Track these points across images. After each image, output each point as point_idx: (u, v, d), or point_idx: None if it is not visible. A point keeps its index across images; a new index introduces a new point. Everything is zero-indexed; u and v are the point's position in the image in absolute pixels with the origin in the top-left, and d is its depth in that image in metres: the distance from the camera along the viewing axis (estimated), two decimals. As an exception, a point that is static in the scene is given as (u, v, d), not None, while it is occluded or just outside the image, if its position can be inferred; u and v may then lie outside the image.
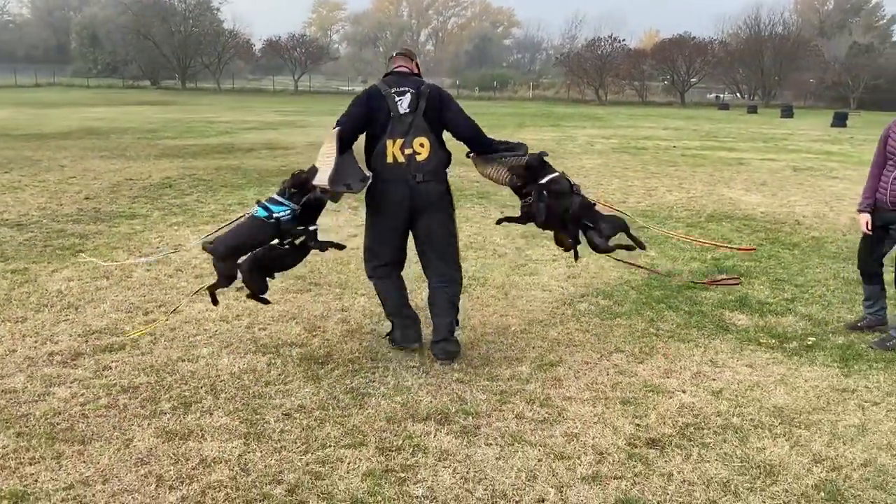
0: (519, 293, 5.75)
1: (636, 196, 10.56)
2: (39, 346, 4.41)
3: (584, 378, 4.16)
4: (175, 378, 4.03)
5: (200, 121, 24.27)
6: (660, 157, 15.91)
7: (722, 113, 43.80)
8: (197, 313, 5.09)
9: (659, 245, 7.47)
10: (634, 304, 5.54)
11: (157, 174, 11.67)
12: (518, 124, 26.41)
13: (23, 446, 3.26)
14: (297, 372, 4.16)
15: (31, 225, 7.72)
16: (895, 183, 4.72)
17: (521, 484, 3.08)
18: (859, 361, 4.53)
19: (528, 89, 64.03)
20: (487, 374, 4.19)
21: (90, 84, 58.37)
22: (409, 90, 4.29)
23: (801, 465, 3.28)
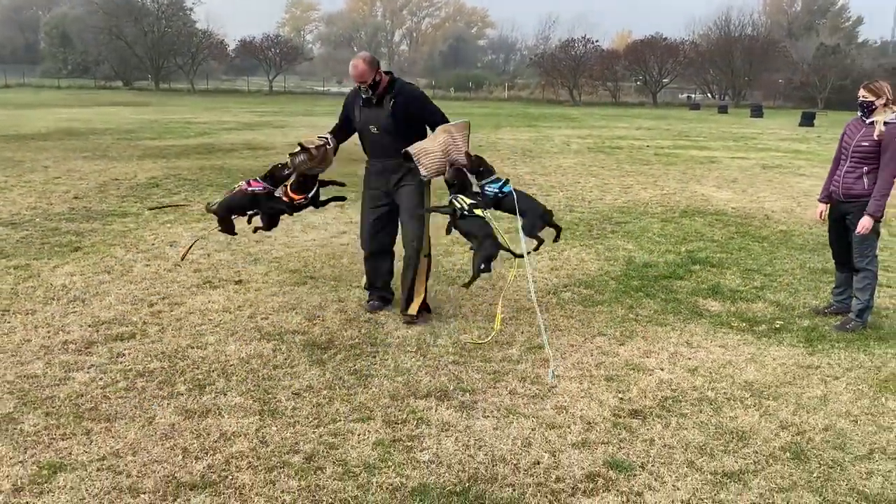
0: (505, 284, 6.05)
1: (613, 193, 10.94)
2: (53, 336, 4.62)
3: (570, 358, 4.48)
4: (187, 363, 4.28)
5: (178, 122, 24.29)
6: (634, 156, 16.34)
7: (693, 113, 44.61)
8: (201, 305, 5.32)
9: (636, 238, 7.83)
10: (614, 292, 5.87)
11: (143, 174, 11.80)
12: (495, 125, 26.76)
13: (52, 424, 3.49)
14: (302, 356, 4.42)
15: (24, 224, 7.86)
16: (847, 176, 5.13)
17: (518, 450, 3.38)
18: (823, 342, 4.90)
19: (503, 90, 64.49)
20: (481, 356, 4.48)
21: (61, 85, 57.66)
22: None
23: (770, 430, 3.63)
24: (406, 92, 5.08)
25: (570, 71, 58.22)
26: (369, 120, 5.07)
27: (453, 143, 4.94)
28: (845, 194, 5.17)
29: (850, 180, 5.13)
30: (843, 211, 5.24)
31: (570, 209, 9.54)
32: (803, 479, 3.19)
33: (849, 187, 5.14)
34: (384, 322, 5.06)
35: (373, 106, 5.04)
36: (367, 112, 5.07)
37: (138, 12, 61.82)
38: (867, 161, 5.04)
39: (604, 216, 9.09)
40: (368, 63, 4.93)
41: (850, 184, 5.13)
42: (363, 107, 5.09)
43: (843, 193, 5.18)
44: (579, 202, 10.11)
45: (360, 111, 5.11)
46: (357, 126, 5.18)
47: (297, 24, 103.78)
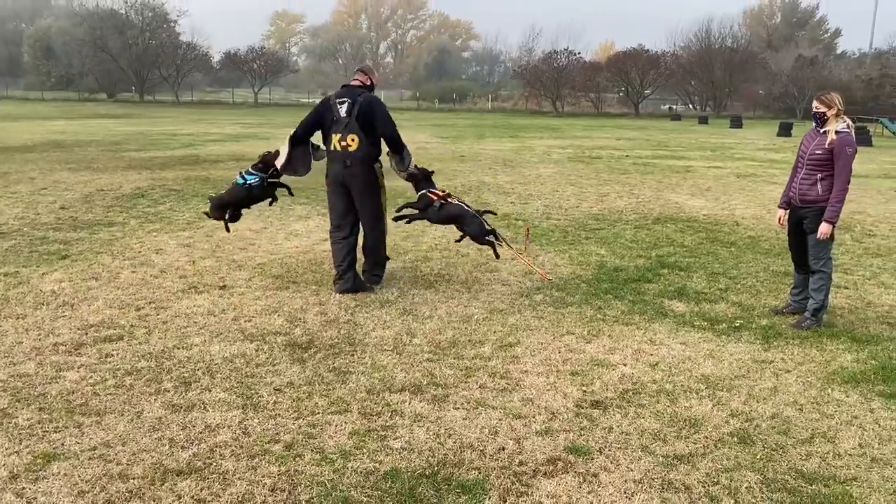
0: (481, 287, 6.30)
1: (589, 201, 11.24)
2: (43, 338, 4.81)
3: (538, 355, 4.72)
4: (173, 362, 4.48)
5: (163, 133, 24.44)
6: (612, 166, 16.69)
7: (674, 123, 45.26)
8: (186, 308, 5.53)
9: (609, 244, 8.11)
10: (585, 294, 6.13)
11: (128, 185, 11.97)
12: (478, 135, 27.12)
13: (45, 418, 3.69)
14: (284, 356, 4.64)
15: (12, 233, 8.03)
16: (802, 183, 5.44)
17: (485, 437, 3.62)
18: (779, 339, 5.18)
19: (487, 101, 65.09)
20: (454, 353, 4.72)
21: (45, 97, 57.61)
22: (348, 100, 5.89)
23: (721, 418, 3.89)
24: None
25: (553, 82, 58.90)
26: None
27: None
28: (801, 200, 5.48)
29: (805, 186, 5.44)
30: (800, 216, 5.55)
31: (548, 216, 9.81)
32: (747, 461, 3.45)
33: (804, 193, 5.45)
34: (363, 323, 5.29)
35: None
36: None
37: (122, 25, 62.04)
38: (821, 168, 5.35)
39: (579, 223, 9.38)
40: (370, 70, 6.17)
41: (805, 190, 5.44)
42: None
43: (800, 199, 5.49)
44: (556, 210, 10.39)
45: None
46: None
47: (282, 37, 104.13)
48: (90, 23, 61.22)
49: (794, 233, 5.69)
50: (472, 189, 12.27)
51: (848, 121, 5.37)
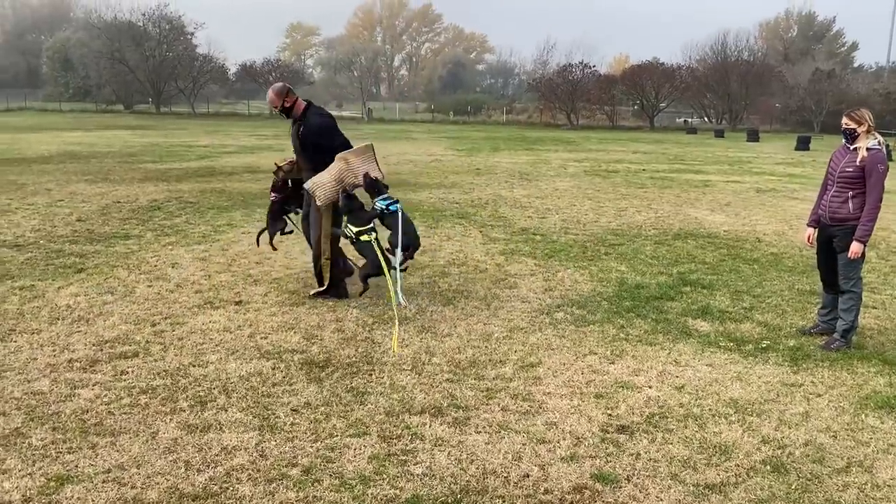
0: (500, 304, 6.20)
1: (607, 216, 11.12)
2: (58, 354, 4.75)
3: (561, 377, 4.60)
4: (188, 381, 4.40)
5: (179, 145, 24.55)
6: (630, 180, 16.56)
7: (690, 137, 45.03)
8: (202, 324, 5.46)
9: (629, 260, 7.98)
10: (606, 313, 6.01)
11: (144, 197, 11.98)
12: (493, 148, 27.06)
13: (59, 438, 3.62)
14: (300, 375, 4.55)
15: (28, 245, 8.02)
16: (832, 201, 5.31)
17: (509, 463, 3.51)
18: (807, 361, 5.04)
19: (501, 114, 65.05)
20: (474, 374, 4.61)
21: (63, 108, 58.20)
22: None
23: (752, 444, 3.76)
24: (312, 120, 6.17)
25: (568, 95, 58.78)
26: (294, 140, 6.34)
27: (348, 170, 5.94)
28: (831, 218, 5.34)
29: (835, 205, 5.31)
30: (830, 234, 5.41)
31: (566, 231, 9.70)
32: (782, 491, 3.32)
33: (834, 211, 5.32)
34: (381, 341, 5.20)
35: (293, 126, 6.29)
36: (292, 131, 6.32)
37: (140, 37, 62.53)
38: (852, 186, 5.23)
39: (598, 238, 9.26)
40: (277, 93, 6.22)
41: (835, 208, 5.31)
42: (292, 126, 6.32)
43: (830, 217, 5.35)
44: (574, 224, 10.28)
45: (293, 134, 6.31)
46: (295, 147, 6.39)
47: (297, 49, 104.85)
48: (108, 35, 61.77)
49: (823, 251, 5.55)
50: (488, 203, 12.19)
51: (879, 137, 5.25)
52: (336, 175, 5.92)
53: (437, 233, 9.38)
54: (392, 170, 17.59)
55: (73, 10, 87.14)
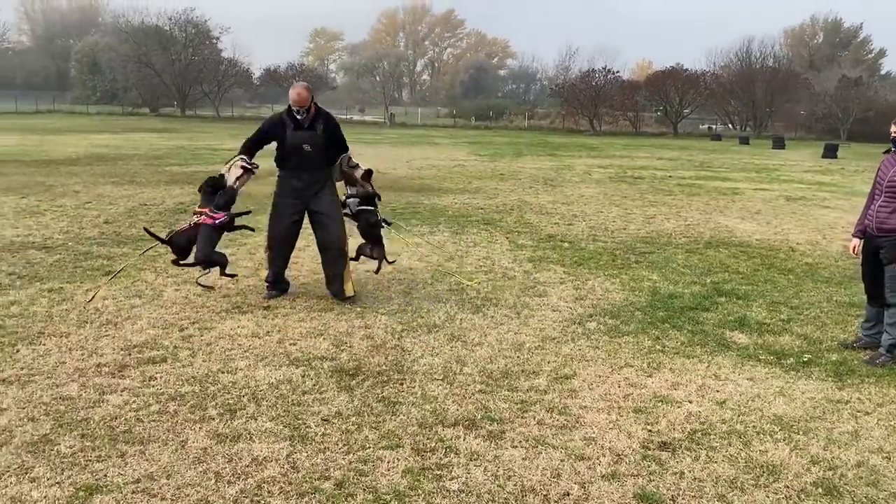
0: (531, 313, 6.07)
1: (636, 223, 10.95)
2: (87, 359, 4.70)
3: (597, 389, 4.47)
4: (217, 388, 4.33)
5: (204, 148, 24.69)
6: (657, 187, 16.36)
7: (714, 144, 44.55)
8: (230, 330, 5.39)
9: (660, 269, 7.82)
10: (640, 323, 5.86)
11: (170, 200, 12.01)
12: (516, 153, 26.94)
13: (88, 446, 3.55)
14: (331, 383, 4.46)
15: (57, 248, 8.02)
16: (880, 211, 5.13)
17: (548, 480, 3.39)
18: (852, 376, 4.86)
19: (523, 119, 64.90)
20: (507, 385, 4.50)
21: (90, 111, 58.94)
22: None
23: (801, 465, 3.60)
24: (330, 118, 6.24)
25: (591, 101, 58.49)
26: (305, 140, 6.03)
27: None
28: (878, 229, 5.17)
29: (883, 215, 5.14)
30: (877, 245, 5.23)
31: (594, 238, 9.56)
32: (837, 516, 3.17)
33: (882, 221, 5.14)
34: (411, 349, 5.10)
35: (304, 128, 6.04)
36: (300, 132, 6.03)
37: (166, 41, 63.20)
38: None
39: (627, 246, 9.10)
40: (308, 90, 6.07)
41: (883, 218, 5.14)
42: (296, 128, 6.03)
43: (877, 228, 5.18)
44: (602, 231, 10.13)
45: (294, 132, 6.02)
46: (288, 144, 6.05)
47: (321, 54, 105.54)
48: (135, 39, 62.53)
49: (868, 263, 5.37)
50: (514, 208, 12.07)
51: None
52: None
53: (463, 239, 9.27)
54: (415, 174, 17.55)
55: (102, 14, 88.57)
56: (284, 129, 6.06)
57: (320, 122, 6.10)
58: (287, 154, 6.11)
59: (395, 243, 6.60)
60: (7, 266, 7.06)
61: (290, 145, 6.04)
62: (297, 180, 6.16)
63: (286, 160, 6.16)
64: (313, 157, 6.09)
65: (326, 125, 6.13)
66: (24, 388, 4.20)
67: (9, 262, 7.25)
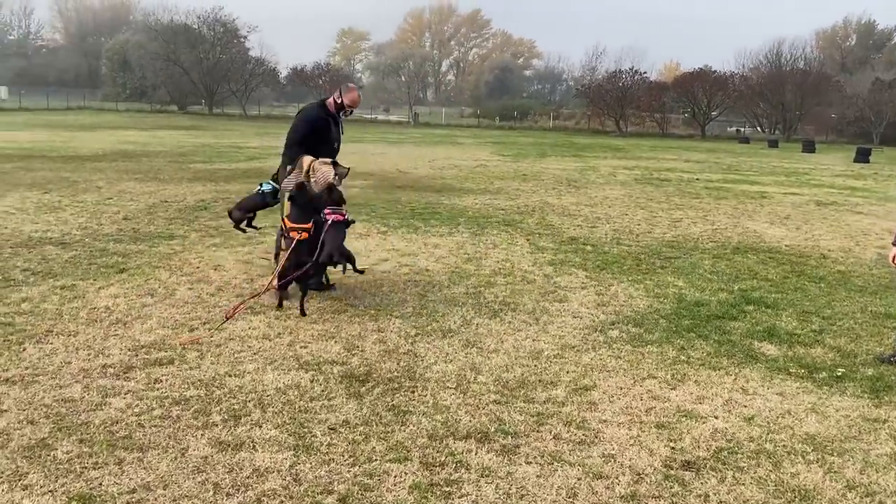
0: (550, 319, 5.87)
1: (661, 227, 10.68)
2: (93, 359, 4.60)
3: (618, 402, 4.27)
4: (223, 392, 4.20)
5: (229, 146, 24.76)
6: (683, 189, 16.03)
7: (743, 146, 43.86)
8: (241, 331, 5.27)
9: (686, 275, 7.57)
10: (665, 332, 5.64)
11: (192, 197, 11.97)
12: (540, 154, 26.67)
13: (85, 452, 3.43)
14: (340, 389, 4.30)
15: (74, 244, 7.98)
16: None
17: (563, 501, 3.20)
18: (890, 393, 4.60)
19: (548, 119, 64.49)
20: (523, 396, 4.31)
21: (119, 108, 59.62)
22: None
23: (836, 490, 3.37)
24: None
25: (617, 101, 57.95)
26: (338, 138, 6.42)
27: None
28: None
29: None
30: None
31: (618, 242, 9.32)
32: (875, 548, 2.94)
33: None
34: (424, 355, 4.93)
35: (338, 126, 6.40)
36: (337, 131, 6.39)
37: (195, 39, 63.71)
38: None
39: (652, 250, 8.85)
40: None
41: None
42: (336, 126, 6.35)
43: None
44: (626, 235, 9.88)
45: (335, 129, 6.33)
46: (330, 142, 6.29)
47: (347, 54, 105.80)
48: (164, 37, 63.10)
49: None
50: (535, 210, 11.86)
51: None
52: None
53: (483, 240, 9.08)
54: (436, 174, 17.39)
55: (133, 13, 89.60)
56: (329, 127, 6.31)
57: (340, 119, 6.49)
58: (325, 152, 6.27)
59: None
60: (23, 262, 7.01)
61: (331, 143, 6.31)
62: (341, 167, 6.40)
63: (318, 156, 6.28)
64: (334, 153, 6.40)
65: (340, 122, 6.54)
66: (27, 389, 4.10)
67: (25, 257, 7.21)
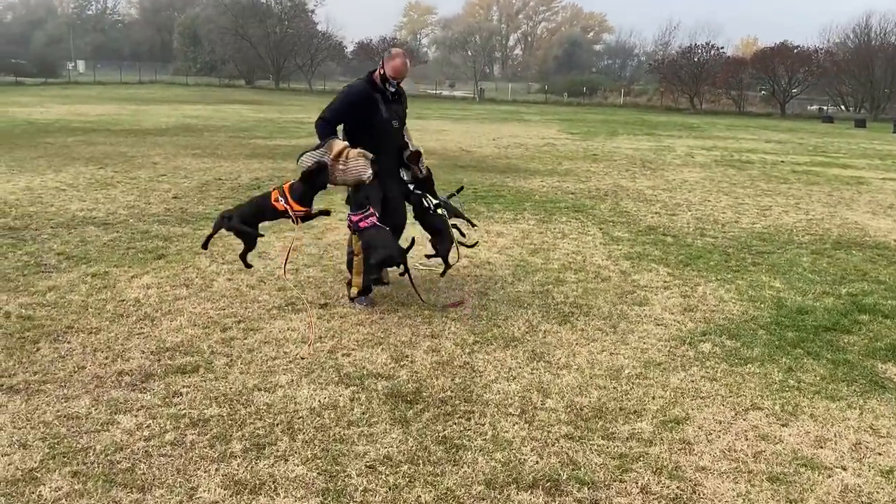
0: (629, 326, 5.11)
1: (750, 216, 9.67)
2: (109, 364, 4.09)
3: (718, 442, 3.50)
4: (249, 411, 3.62)
5: (292, 121, 24.46)
6: (769, 173, 14.80)
7: (826, 126, 41.31)
8: (278, 332, 4.69)
9: (783, 275, 6.66)
10: (766, 346, 4.80)
11: (247, 174, 11.55)
12: (610, 132, 25.48)
13: (77, 490, 2.89)
14: (383, 411, 3.67)
15: (117, 224, 7.58)
16: None
17: (656, 589, 2.49)
18: None
19: (618, 96, 62.40)
20: (602, 429, 3.59)
21: (189, 82, 60.52)
22: None
23: None
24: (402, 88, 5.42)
25: (692, 78, 55.54)
26: (394, 115, 5.25)
27: None
28: None
29: None
30: None
31: (702, 233, 8.41)
32: None
33: None
34: (483, 369, 4.25)
35: (392, 101, 5.24)
36: (391, 107, 5.22)
37: (263, 14, 64.03)
38: None
39: (741, 243, 7.92)
40: (407, 58, 5.25)
41: None
42: (386, 102, 5.19)
43: None
44: (711, 225, 8.94)
45: (386, 107, 5.19)
46: (380, 121, 5.19)
47: (413, 28, 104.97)
48: (234, 12, 63.56)
49: None
50: (608, 194, 10.98)
51: None
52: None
53: (551, 228, 8.32)
54: (501, 153, 16.59)
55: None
56: (376, 105, 5.16)
57: (402, 93, 5.41)
58: (376, 133, 5.22)
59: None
60: (59, 244, 6.63)
61: (382, 123, 5.19)
62: (385, 162, 5.25)
63: (370, 140, 5.19)
64: (397, 135, 5.36)
65: (404, 96, 5.47)
66: (30, 401, 3.61)
67: (63, 239, 6.83)
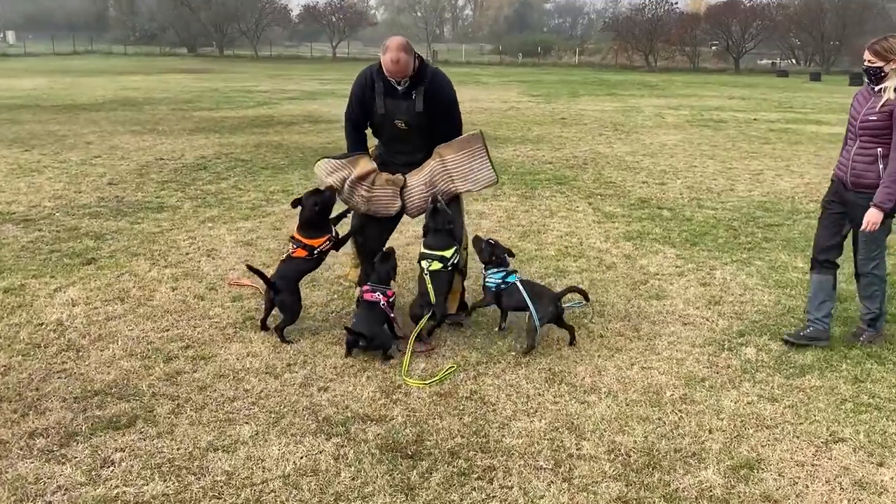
0: (653, 329, 4.35)
1: (743, 182, 9.00)
2: (18, 421, 3.16)
3: (809, 496, 2.77)
4: (201, 486, 2.75)
5: (238, 90, 23.05)
6: (746, 133, 14.19)
7: (783, 80, 41.17)
8: (236, 360, 3.81)
9: (803, 252, 5.97)
10: (817, 349, 4.09)
11: (191, 153, 10.45)
12: (571, 93, 24.68)
13: None
14: (379, 474, 2.84)
15: (40, 221, 6.53)
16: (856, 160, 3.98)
17: None
18: None
19: (572, 55, 61.50)
20: (659, 483, 2.82)
21: (128, 52, 57.57)
22: None
23: None
24: (438, 84, 4.21)
25: (646, 35, 54.95)
26: (399, 113, 4.19)
27: (443, 171, 4.26)
28: (854, 183, 3.99)
29: (860, 166, 3.95)
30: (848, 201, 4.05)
31: (699, 204, 7.70)
32: None
33: (859, 175, 3.96)
34: (495, 401, 3.44)
35: (400, 98, 4.16)
36: (396, 103, 4.18)
37: (203, -23, 61.14)
38: (880, 140, 3.86)
39: (745, 215, 7.23)
40: (409, 52, 4.03)
41: (860, 171, 3.95)
42: (389, 96, 4.18)
43: (852, 182, 4.00)
44: (705, 194, 8.25)
45: (385, 101, 4.18)
46: (378, 120, 4.26)
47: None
48: (172, -24, 60.64)
49: (830, 221, 4.21)
50: (588, 162, 10.20)
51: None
52: (428, 177, 4.27)
53: (536, 205, 7.52)
54: (465, 119, 15.63)
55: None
56: (373, 95, 4.21)
57: (421, 88, 4.15)
58: (377, 134, 4.42)
59: None
60: (-33, 250, 5.58)
61: (379, 117, 4.26)
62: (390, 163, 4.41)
63: (378, 134, 4.44)
64: (409, 137, 4.31)
65: (431, 93, 4.17)
66: None
67: (-27, 243, 5.78)
